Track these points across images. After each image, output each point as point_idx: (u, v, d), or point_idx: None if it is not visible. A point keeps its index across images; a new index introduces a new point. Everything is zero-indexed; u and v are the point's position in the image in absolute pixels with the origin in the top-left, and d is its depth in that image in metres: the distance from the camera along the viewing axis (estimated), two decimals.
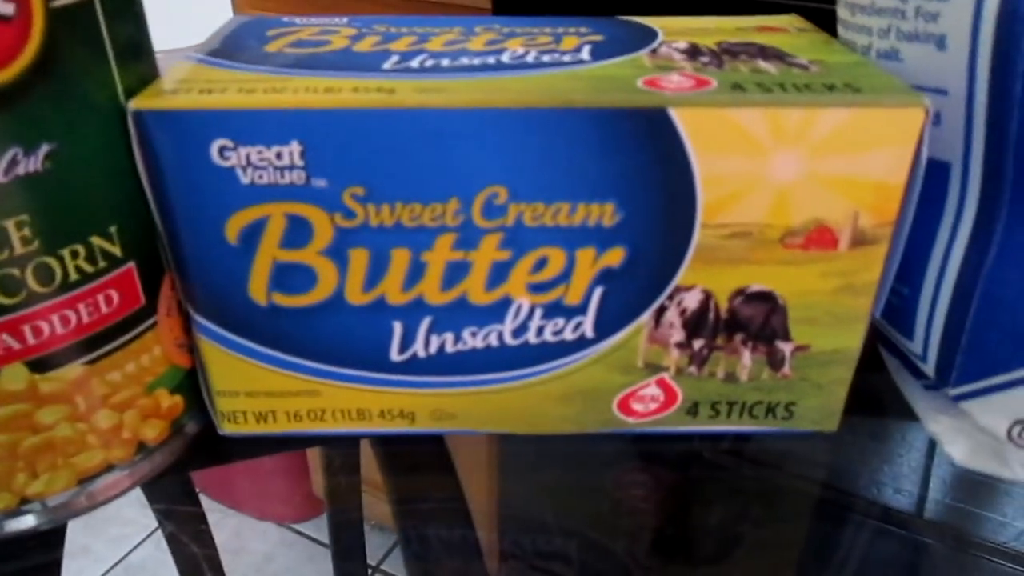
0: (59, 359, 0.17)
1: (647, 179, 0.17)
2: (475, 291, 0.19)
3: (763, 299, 0.19)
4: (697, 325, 0.19)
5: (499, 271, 0.18)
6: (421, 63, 0.19)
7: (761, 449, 0.22)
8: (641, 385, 0.20)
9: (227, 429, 0.21)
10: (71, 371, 0.17)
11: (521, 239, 0.18)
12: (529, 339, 0.19)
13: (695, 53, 0.19)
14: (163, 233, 0.18)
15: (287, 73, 0.18)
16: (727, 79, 0.18)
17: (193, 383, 0.21)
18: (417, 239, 0.18)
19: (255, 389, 0.20)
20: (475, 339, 0.19)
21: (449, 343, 0.20)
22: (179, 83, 0.17)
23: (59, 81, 0.15)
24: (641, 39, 0.21)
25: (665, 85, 0.17)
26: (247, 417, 0.21)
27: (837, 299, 0.19)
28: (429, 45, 0.20)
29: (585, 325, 0.19)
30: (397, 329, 0.19)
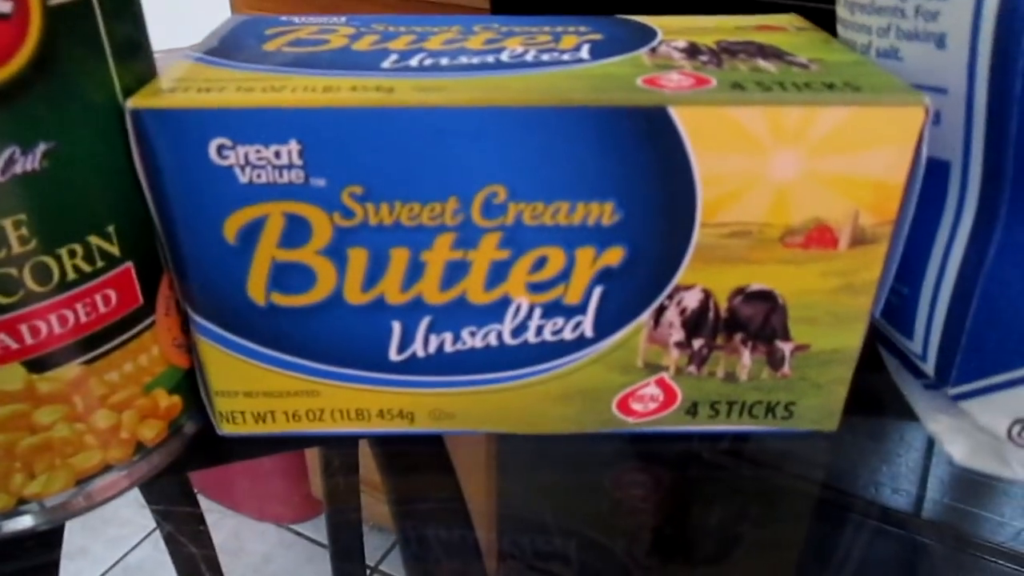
0: (57, 359, 0.17)
1: (647, 178, 0.17)
2: (474, 290, 0.19)
3: (763, 298, 0.19)
4: (697, 324, 0.19)
5: (498, 270, 0.18)
6: (420, 62, 0.18)
7: (760, 449, 0.22)
8: (640, 385, 0.20)
9: (226, 429, 0.21)
10: (69, 371, 0.17)
11: (520, 238, 0.18)
12: (528, 339, 0.19)
13: (694, 52, 0.19)
14: (161, 232, 0.18)
15: (285, 72, 0.18)
16: (727, 78, 0.18)
17: (191, 383, 0.21)
18: (416, 238, 0.18)
19: (254, 389, 0.20)
20: (474, 339, 0.19)
21: (448, 343, 0.19)
22: (177, 82, 0.17)
23: (57, 80, 0.15)
24: (640, 38, 0.20)
25: (665, 84, 0.17)
26: (246, 417, 0.21)
27: (837, 298, 0.19)
28: (428, 44, 0.20)
29: (584, 324, 0.19)
30: (396, 329, 0.19)
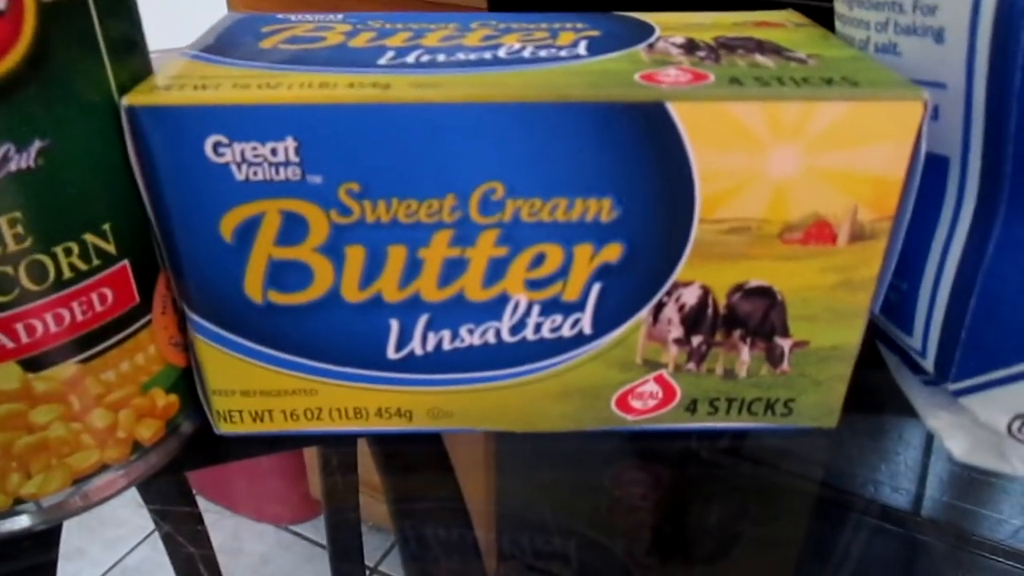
0: (53, 358, 0.17)
1: (645, 174, 0.17)
2: (472, 288, 0.19)
3: (762, 295, 0.19)
4: (695, 321, 0.19)
5: (496, 267, 0.18)
6: (417, 58, 0.18)
7: (758, 448, 0.22)
8: (639, 382, 0.20)
9: (223, 429, 0.21)
10: (65, 370, 0.17)
11: (518, 235, 0.18)
12: (527, 336, 0.19)
13: (692, 48, 0.19)
14: (157, 231, 0.18)
15: (282, 69, 0.18)
16: (724, 73, 0.17)
17: (189, 382, 0.20)
18: (414, 236, 0.18)
19: (251, 388, 0.20)
20: (472, 336, 0.19)
21: (446, 340, 0.19)
22: (173, 79, 0.17)
23: (52, 77, 0.15)
24: (638, 34, 0.20)
25: (662, 79, 0.17)
26: (243, 416, 0.21)
27: (836, 294, 0.19)
28: (425, 41, 0.20)
29: (583, 322, 0.19)
30: (394, 327, 0.19)
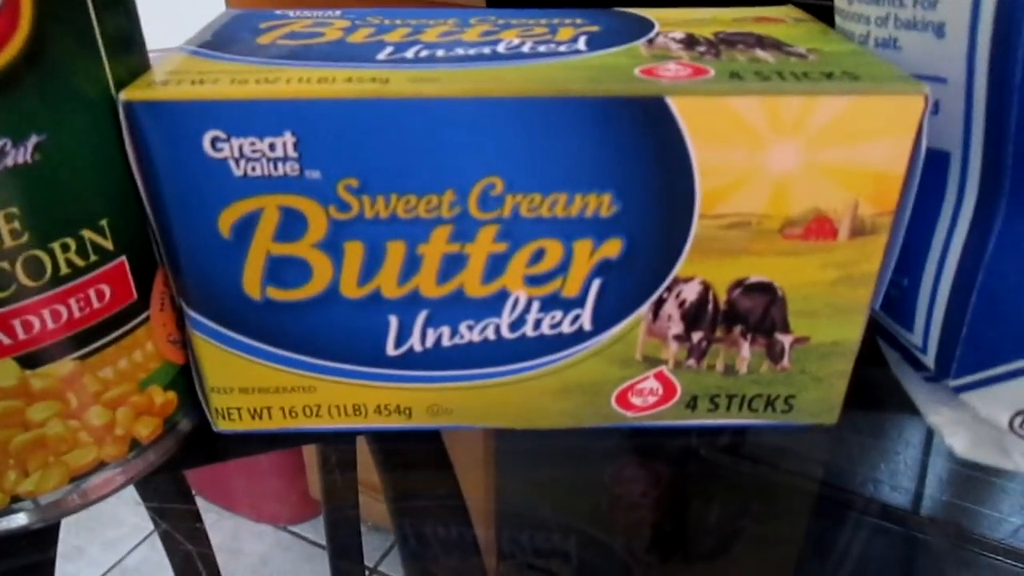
0: (50, 354, 0.17)
1: (645, 169, 0.17)
2: (472, 284, 0.19)
3: (762, 290, 0.19)
4: (696, 317, 0.19)
5: (496, 263, 0.18)
6: (416, 54, 0.18)
7: (758, 446, 0.22)
8: (640, 378, 0.20)
9: (222, 426, 0.21)
10: (62, 367, 0.17)
11: (518, 231, 0.18)
12: (527, 332, 0.19)
13: (692, 43, 0.19)
14: (155, 227, 0.18)
15: (280, 64, 0.18)
16: (725, 68, 0.17)
17: (187, 380, 0.20)
18: (413, 231, 0.18)
19: (250, 385, 0.20)
20: (472, 333, 0.19)
21: (446, 337, 0.19)
22: (170, 74, 0.17)
23: (48, 71, 0.15)
24: (638, 30, 0.20)
25: (662, 74, 0.17)
26: (242, 414, 0.21)
27: (836, 290, 0.19)
28: (424, 36, 0.20)
29: (583, 318, 0.19)
30: (393, 323, 0.19)
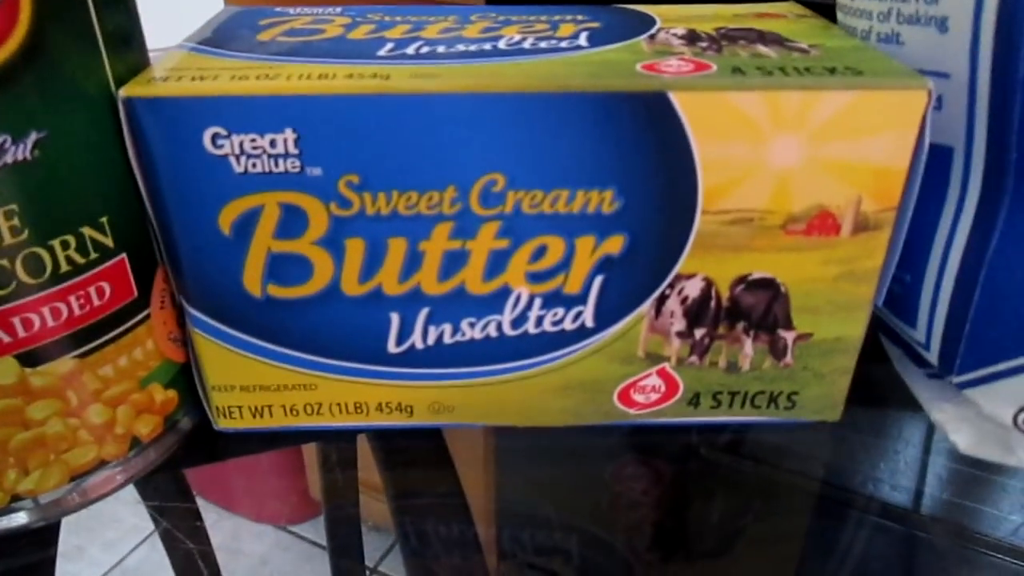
0: (50, 353, 0.17)
1: (647, 165, 0.17)
2: (473, 281, 0.18)
3: (765, 287, 0.19)
4: (698, 314, 0.19)
5: (497, 260, 0.18)
6: (417, 50, 0.18)
7: (758, 444, 0.22)
8: (642, 376, 0.20)
9: (222, 425, 0.21)
10: (62, 365, 0.17)
11: (519, 227, 0.18)
12: (528, 329, 0.19)
13: (694, 39, 0.19)
14: (155, 224, 0.18)
15: (280, 61, 0.18)
16: (727, 63, 0.17)
17: (188, 378, 0.20)
18: (414, 228, 0.18)
19: (250, 383, 0.20)
20: (473, 330, 0.19)
21: (447, 334, 0.19)
22: (170, 71, 0.17)
23: (48, 68, 0.15)
24: (639, 26, 0.20)
25: (664, 69, 0.17)
26: (243, 412, 0.21)
27: (839, 286, 0.19)
28: (424, 33, 0.20)
29: (585, 315, 0.19)
30: (394, 320, 0.19)
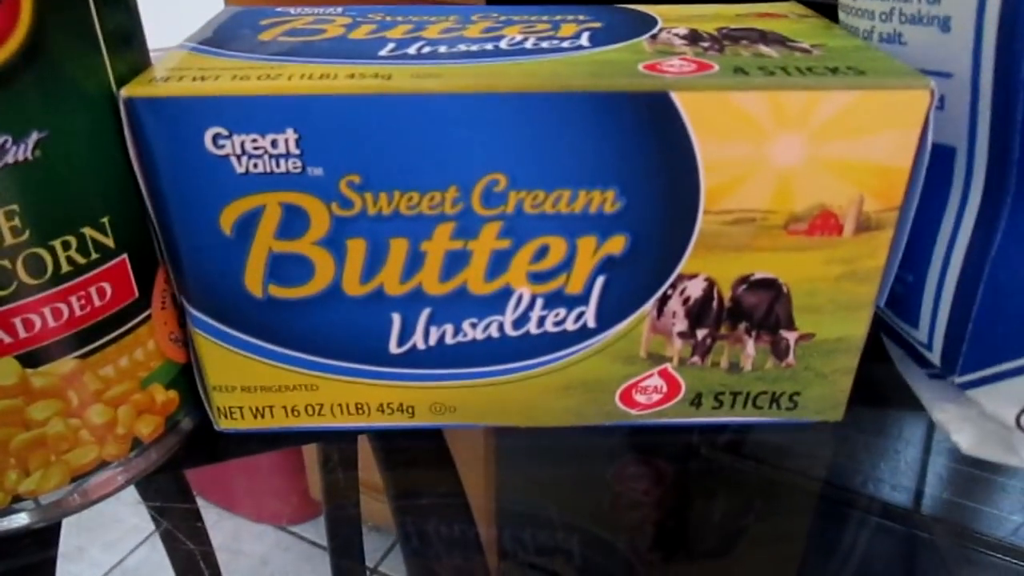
0: (51, 353, 0.17)
1: (649, 165, 0.17)
2: (475, 281, 0.18)
3: (767, 287, 0.19)
4: (700, 314, 0.19)
5: (499, 260, 0.18)
6: (418, 50, 0.18)
7: (759, 444, 0.22)
8: (644, 376, 0.20)
9: (223, 425, 0.21)
10: (63, 365, 0.17)
11: (521, 227, 0.18)
12: (530, 330, 0.19)
13: (696, 39, 0.19)
14: (156, 224, 0.18)
15: (282, 61, 0.18)
16: (729, 63, 0.17)
17: (189, 378, 0.20)
18: (415, 228, 0.18)
19: (251, 384, 0.20)
20: (475, 330, 0.19)
21: (449, 335, 0.19)
22: (171, 71, 0.17)
23: (49, 68, 0.15)
24: (640, 26, 0.20)
25: (666, 69, 0.17)
26: (244, 413, 0.21)
27: (841, 286, 0.19)
28: (426, 33, 0.20)
29: (587, 315, 0.19)
30: (396, 321, 0.19)
